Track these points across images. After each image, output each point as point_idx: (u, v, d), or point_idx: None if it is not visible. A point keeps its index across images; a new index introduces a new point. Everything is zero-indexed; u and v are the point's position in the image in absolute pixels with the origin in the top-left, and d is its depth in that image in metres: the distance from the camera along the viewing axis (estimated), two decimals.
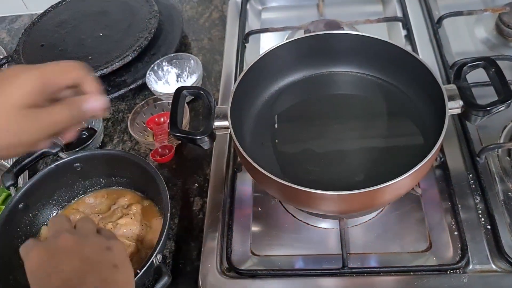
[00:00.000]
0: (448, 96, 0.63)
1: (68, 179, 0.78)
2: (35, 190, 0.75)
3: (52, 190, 0.77)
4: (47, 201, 0.77)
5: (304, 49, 0.73)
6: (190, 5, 1.15)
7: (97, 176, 0.79)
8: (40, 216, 0.77)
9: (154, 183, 0.70)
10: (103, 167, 0.78)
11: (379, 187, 0.56)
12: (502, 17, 0.89)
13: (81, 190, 0.80)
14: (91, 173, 0.78)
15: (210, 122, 0.64)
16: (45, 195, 0.77)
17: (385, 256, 0.67)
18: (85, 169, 0.77)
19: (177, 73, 0.96)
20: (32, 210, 0.75)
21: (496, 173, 0.73)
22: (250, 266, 0.68)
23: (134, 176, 0.77)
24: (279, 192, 0.65)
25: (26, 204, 0.74)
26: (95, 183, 0.80)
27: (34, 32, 1.05)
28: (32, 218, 0.75)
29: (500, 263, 0.63)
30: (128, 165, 0.75)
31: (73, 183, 0.79)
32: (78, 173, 0.78)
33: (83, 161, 0.77)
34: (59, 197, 0.78)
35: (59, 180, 0.77)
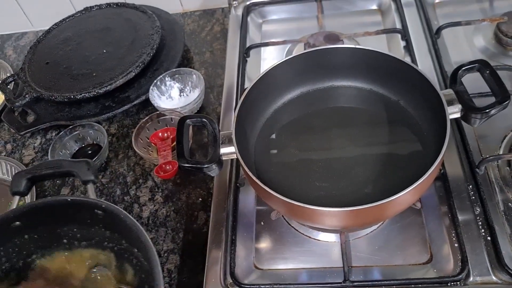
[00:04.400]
0: (447, 101, 0.64)
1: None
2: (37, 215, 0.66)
3: None
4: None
5: (301, 66, 0.74)
6: (192, 19, 1.16)
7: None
8: (39, 241, 0.67)
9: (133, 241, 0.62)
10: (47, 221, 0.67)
11: (384, 202, 0.57)
12: (500, 26, 0.90)
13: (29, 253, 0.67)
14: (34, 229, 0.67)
15: (217, 149, 0.65)
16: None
17: (387, 269, 0.68)
18: (26, 226, 0.66)
19: (180, 88, 0.97)
20: (31, 232, 0.67)
21: (496, 183, 0.73)
22: (254, 280, 0.69)
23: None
24: (286, 210, 0.66)
25: (23, 224, 0.65)
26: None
27: (39, 50, 1.07)
28: (27, 240, 0.66)
29: (501, 275, 0.64)
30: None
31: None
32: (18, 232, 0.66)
33: (21, 216, 0.65)
34: None
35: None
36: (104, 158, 0.90)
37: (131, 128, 0.96)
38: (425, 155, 0.68)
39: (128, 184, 0.88)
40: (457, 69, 0.66)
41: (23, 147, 0.98)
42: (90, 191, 0.70)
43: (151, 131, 0.90)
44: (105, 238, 0.69)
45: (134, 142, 0.86)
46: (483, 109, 0.62)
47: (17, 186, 0.70)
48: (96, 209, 0.65)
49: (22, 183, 0.70)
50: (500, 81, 0.63)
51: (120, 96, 0.97)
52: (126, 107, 0.95)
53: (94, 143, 0.93)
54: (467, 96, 0.64)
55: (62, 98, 0.94)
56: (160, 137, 0.89)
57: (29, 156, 0.97)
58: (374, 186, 0.67)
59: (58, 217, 0.67)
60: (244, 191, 0.79)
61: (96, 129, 0.92)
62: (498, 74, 0.64)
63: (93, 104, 0.97)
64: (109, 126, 0.97)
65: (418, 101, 0.72)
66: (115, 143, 0.94)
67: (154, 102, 0.92)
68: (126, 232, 0.64)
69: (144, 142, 0.89)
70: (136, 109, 0.99)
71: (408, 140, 0.72)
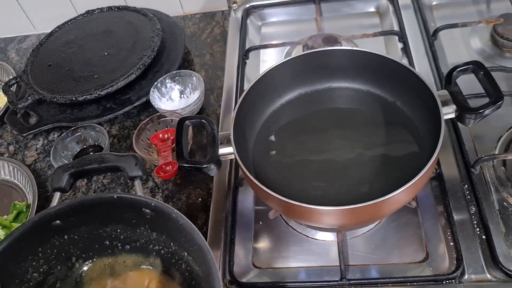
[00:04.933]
0: (442, 101, 0.65)
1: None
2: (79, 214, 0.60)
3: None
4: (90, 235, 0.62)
5: (299, 67, 0.76)
6: (192, 22, 1.18)
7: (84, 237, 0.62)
8: (80, 243, 0.62)
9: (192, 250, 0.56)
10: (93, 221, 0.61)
11: (379, 200, 0.58)
12: (496, 28, 0.91)
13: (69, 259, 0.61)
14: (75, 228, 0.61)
15: (215, 150, 0.66)
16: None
17: (383, 267, 0.69)
18: (67, 226, 0.61)
19: (180, 90, 0.98)
20: (71, 232, 0.61)
21: (492, 183, 0.74)
22: (252, 279, 0.70)
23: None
24: (284, 209, 0.67)
25: (64, 223, 0.59)
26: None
27: (41, 53, 1.08)
28: (67, 242, 0.61)
29: (495, 273, 0.65)
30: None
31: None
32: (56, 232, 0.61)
33: (63, 215, 0.60)
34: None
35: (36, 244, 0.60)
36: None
37: (132, 129, 0.97)
38: (421, 155, 0.69)
39: (129, 185, 0.89)
40: (451, 70, 0.67)
41: (25, 149, 1.00)
42: (137, 188, 0.66)
43: (152, 132, 0.91)
44: (151, 241, 0.64)
45: (134, 143, 0.87)
46: (477, 110, 0.63)
47: (58, 181, 0.65)
48: (145, 208, 0.60)
49: (63, 178, 0.65)
50: (494, 82, 0.64)
51: (121, 97, 0.98)
52: (127, 108, 0.96)
53: (95, 144, 0.94)
54: (461, 97, 0.65)
55: (64, 100, 0.96)
56: (161, 138, 0.90)
57: (31, 157, 0.98)
58: (371, 185, 0.68)
59: (102, 217, 0.62)
60: (243, 191, 0.80)
61: (97, 130, 0.93)
62: (491, 75, 0.65)
63: (94, 105, 0.98)
64: (110, 128, 0.98)
65: (414, 102, 0.73)
66: (116, 144, 0.96)
67: (154, 103, 0.94)
68: (176, 233, 0.59)
69: (145, 143, 0.90)
70: (137, 111, 1.00)
71: (404, 141, 0.73)
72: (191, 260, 0.60)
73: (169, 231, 0.61)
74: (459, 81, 0.68)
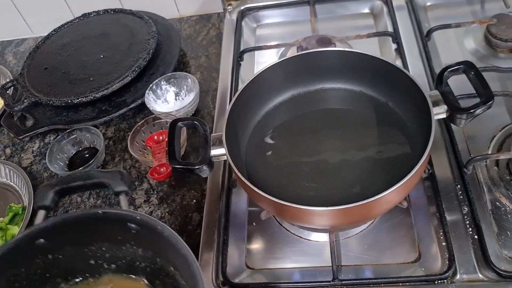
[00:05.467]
0: (432, 102, 0.65)
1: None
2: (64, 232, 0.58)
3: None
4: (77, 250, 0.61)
5: (292, 68, 0.76)
6: (188, 24, 1.18)
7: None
8: (64, 263, 0.59)
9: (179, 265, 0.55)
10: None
11: (370, 200, 0.58)
12: (490, 28, 0.91)
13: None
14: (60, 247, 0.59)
15: (207, 151, 0.66)
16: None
17: (376, 268, 0.69)
18: (51, 244, 0.59)
19: (176, 92, 0.99)
20: (56, 252, 0.59)
21: (485, 183, 0.74)
22: (245, 280, 0.70)
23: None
24: (275, 210, 0.67)
25: (48, 242, 0.58)
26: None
27: (38, 56, 1.09)
28: (51, 261, 0.59)
29: (487, 273, 0.65)
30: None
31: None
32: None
33: (47, 233, 0.57)
34: None
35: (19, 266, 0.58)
36: (100, 161, 0.91)
37: (127, 131, 0.97)
38: (413, 156, 0.69)
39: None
40: (442, 70, 0.68)
41: (22, 151, 1.00)
42: (123, 203, 0.65)
43: (147, 134, 0.91)
44: (137, 257, 0.63)
45: (129, 145, 0.87)
46: (468, 109, 0.63)
47: (43, 199, 0.64)
48: (130, 223, 0.58)
49: (48, 196, 0.64)
50: (485, 82, 0.64)
51: (116, 100, 0.98)
52: (122, 111, 0.97)
53: (91, 146, 0.95)
54: (452, 97, 0.65)
55: (59, 102, 0.96)
56: (156, 140, 0.90)
57: (27, 159, 0.98)
58: (363, 186, 0.68)
59: (86, 234, 0.61)
60: (237, 192, 0.80)
61: (92, 132, 0.94)
62: (482, 75, 0.65)
63: (90, 108, 0.98)
64: (106, 130, 0.99)
65: (406, 103, 0.73)
66: (112, 146, 0.96)
67: (149, 106, 0.94)
68: (162, 247, 0.58)
69: (140, 145, 0.91)
70: (133, 113, 1.00)
71: (396, 141, 0.73)
72: (178, 274, 0.59)
73: (155, 246, 0.60)
74: (452, 82, 0.68)
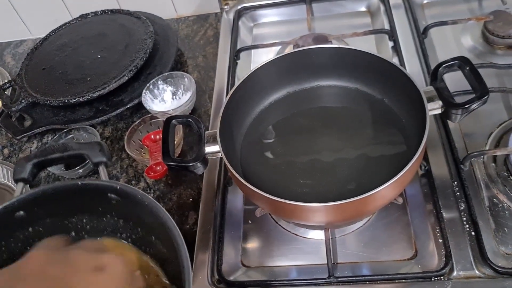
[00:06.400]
0: (427, 98, 0.65)
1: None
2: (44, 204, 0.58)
3: None
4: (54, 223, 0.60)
5: (287, 66, 0.76)
6: (186, 24, 1.18)
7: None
8: (45, 236, 0.58)
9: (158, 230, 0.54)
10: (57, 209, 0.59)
11: (365, 196, 0.57)
12: (487, 25, 0.91)
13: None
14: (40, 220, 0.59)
15: (201, 148, 0.66)
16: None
17: (372, 265, 0.69)
18: (31, 217, 0.59)
19: (173, 91, 0.99)
20: (36, 224, 0.59)
21: (482, 180, 0.74)
22: (240, 277, 0.70)
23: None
24: (270, 207, 0.67)
25: (27, 214, 0.57)
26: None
27: (36, 56, 1.09)
28: (31, 234, 0.59)
29: (484, 269, 0.64)
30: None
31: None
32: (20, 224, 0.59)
33: (26, 205, 0.57)
34: None
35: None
36: None
37: (124, 131, 0.97)
38: (408, 152, 0.69)
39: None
40: (437, 66, 0.67)
41: (20, 151, 1.00)
42: (102, 174, 0.65)
43: (144, 133, 0.91)
44: (118, 228, 0.63)
45: (126, 144, 0.87)
46: (463, 105, 0.63)
47: (21, 172, 0.64)
48: (110, 193, 0.58)
49: (27, 168, 0.64)
50: (480, 77, 0.64)
51: (113, 100, 0.98)
52: (119, 110, 0.97)
53: None
54: (447, 93, 0.65)
55: (57, 102, 0.96)
56: (152, 139, 0.90)
57: None
58: (358, 182, 0.68)
59: (66, 206, 0.60)
60: (233, 191, 0.80)
61: (90, 132, 0.94)
62: (477, 71, 0.65)
63: (87, 108, 0.98)
64: (103, 130, 0.99)
65: (401, 99, 0.73)
66: (109, 146, 0.96)
67: (146, 105, 0.94)
68: (143, 217, 0.58)
69: (137, 144, 0.90)
70: (130, 113, 1.00)
71: (392, 138, 0.72)
72: (159, 244, 0.59)
73: (136, 216, 0.59)
74: (449, 78, 0.68)
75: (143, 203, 0.56)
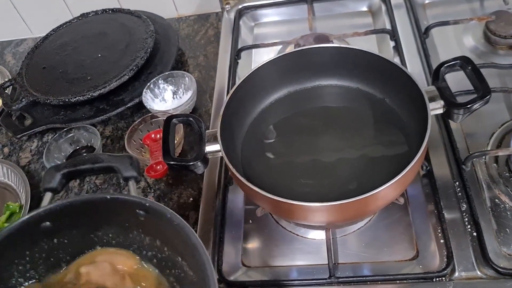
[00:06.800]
0: (429, 97, 0.64)
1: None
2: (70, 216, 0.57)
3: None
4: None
5: (288, 65, 0.76)
6: (187, 23, 1.18)
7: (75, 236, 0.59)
8: (69, 247, 0.59)
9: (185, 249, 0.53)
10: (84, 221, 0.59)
11: (366, 196, 0.57)
12: (488, 25, 0.90)
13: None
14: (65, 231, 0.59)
15: (202, 147, 0.66)
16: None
17: (373, 265, 0.68)
18: (57, 228, 0.59)
19: (173, 90, 0.98)
20: (61, 236, 0.59)
21: (484, 180, 0.73)
22: (240, 277, 0.70)
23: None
24: (271, 206, 0.67)
25: (54, 225, 0.57)
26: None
27: (36, 55, 1.09)
28: (56, 245, 0.59)
29: (486, 270, 0.64)
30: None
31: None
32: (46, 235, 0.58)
33: (53, 216, 0.57)
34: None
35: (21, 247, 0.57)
36: None
37: (125, 130, 0.97)
38: (410, 152, 0.69)
39: (121, 185, 0.89)
40: (439, 66, 0.67)
41: (20, 150, 1.00)
42: (131, 189, 0.64)
43: (144, 132, 0.91)
44: (144, 246, 0.62)
45: (127, 144, 0.87)
46: (465, 105, 0.63)
47: (50, 181, 0.63)
48: (139, 209, 0.57)
49: (56, 178, 0.63)
50: (482, 76, 0.64)
51: (114, 99, 0.98)
52: (120, 109, 0.96)
53: (88, 145, 0.94)
54: (449, 92, 0.65)
55: (57, 101, 0.96)
56: (153, 138, 0.90)
57: (26, 158, 0.98)
58: (359, 182, 0.68)
59: (93, 219, 0.60)
60: (233, 191, 0.79)
61: (90, 131, 0.93)
62: (479, 70, 0.64)
63: (87, 107, 0.98)
64: (104, 129, 0.99)
65: (403, 99, 0.73)
66: (109, 145, 0.96)
67: (147, 104, 0.94)
68: (170, 236, 0.56)
69: (137, 144, 0.90)
70: (131, 112, 1.00)
71: (393, 138, 0.72)
72: (186, 266, 0.57)
73: (163, 234, 0.58)
74: (451, 78, 0.68)
75: (172, 222, 0.55)
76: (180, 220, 0.55)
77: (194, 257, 0.52)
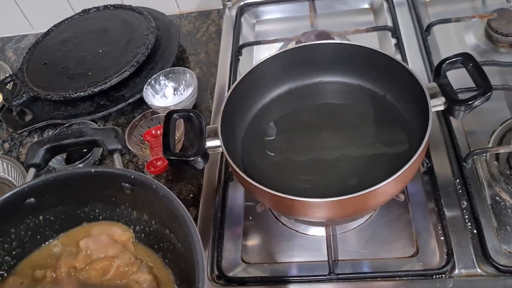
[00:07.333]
0: (430, 94, 0.64)
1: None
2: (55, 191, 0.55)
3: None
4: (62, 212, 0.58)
5: (289, 61, 0.75)
6: (188, 20, 1.18)
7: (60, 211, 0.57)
8: (56, 225, 0.57)
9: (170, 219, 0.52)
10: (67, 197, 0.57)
11: (366, 191, 0.57)
12: (490, 23, 0.90)
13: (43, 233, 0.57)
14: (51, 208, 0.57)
15: (202, 142, 0.66)
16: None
17: (373, 262, 0.68)
18: (42, 205, 0.56)
19: (174, 87, 0.98)
20: (47, 212, 0.57)
21: (484, 178, 0.73)
22: (240, 274, 0.69)
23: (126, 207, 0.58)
24: (271, 202, 0.67)
25: (38, 202, 0.55)
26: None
27: (37, 51, 1.09)
28: (42, 223, 0.57)
29: (486, 267, 0.64)
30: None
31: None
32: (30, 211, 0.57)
33: (37, 192, 0.55)
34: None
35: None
36: (98, 155, 0.91)
37: (126, 126, 0.97)
38: (411, 149, 0.69)
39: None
40: (441, 62, 0.67)
41: (20, 146, 1.00)
42: (116, 162, 0.62)
43: (145, 128, 0.91)
44: (132, 220, 0.61)
45: (127, 139, 0.87)
46: (466, 101, 0.62)
47: (33, 157, 0.61)
48: (124, 182, 0.55)
49: (39, 153, 0.61)
50: (483, 73, 0.63)
51: (115, 95, 0.98)
52: (120, 105, 0.96)
53: None
54: (450, 89, 0.64)
55: (58, 97, 0.96)
56: (153, 134, 0.90)
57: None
58: (359, 179, 0.67)
59: (79, 194, 0.58)
60: (234, 187, 0.79)
61: (90, 127, 0.93)
62: (481, 67, 0.64)
63: (88, 103, 0.98)
64: (104, 124, 0.99)
65: (404, 95, 0.72)
66: None
67: (148, 100, 0.94)
68: (157, 209, 0.55)
69: (138, 140, 0.90)
70: (131, 108, 1.00)
71: (394, 134, 0.72)
72: (174, 238, 0.56)
73: (150, 208, 0.57)
74: (452, 76, 0.68)
75: (158, 193, 0.53)
76: (166, 191, 0.54)
77: (182, 228, 0.51)
